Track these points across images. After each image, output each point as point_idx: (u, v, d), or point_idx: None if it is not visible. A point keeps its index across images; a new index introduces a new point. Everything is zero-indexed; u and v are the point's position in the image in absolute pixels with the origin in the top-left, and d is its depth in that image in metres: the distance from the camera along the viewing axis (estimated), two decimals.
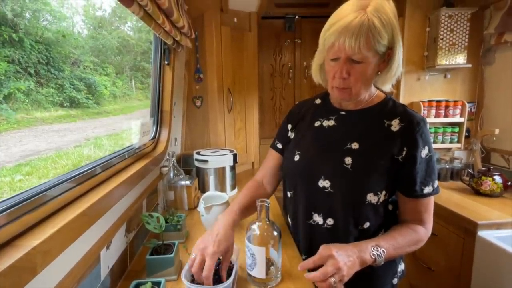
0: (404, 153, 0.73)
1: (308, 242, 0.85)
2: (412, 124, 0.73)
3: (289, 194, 0.88)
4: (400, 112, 0.76)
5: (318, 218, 0.80)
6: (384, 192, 0.75)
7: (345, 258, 0.64)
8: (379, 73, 0.75)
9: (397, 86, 1.87)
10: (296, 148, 0.87)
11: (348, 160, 0.75)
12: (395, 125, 0.75)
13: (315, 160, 0.81)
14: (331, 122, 0.83)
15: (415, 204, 0.77)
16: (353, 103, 0.81)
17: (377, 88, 0.82)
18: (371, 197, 0.74)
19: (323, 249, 0.67)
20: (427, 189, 0.74)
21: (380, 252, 0.68)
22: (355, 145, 0.76)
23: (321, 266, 0.64)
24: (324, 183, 0.77)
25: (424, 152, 0.73)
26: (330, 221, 0.78)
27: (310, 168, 0.81)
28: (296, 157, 0.85)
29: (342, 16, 0.67)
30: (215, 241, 0.70)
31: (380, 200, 0.75)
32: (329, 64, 0.74)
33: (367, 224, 0.77)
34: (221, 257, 0.72)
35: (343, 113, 0.83)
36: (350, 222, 0.77)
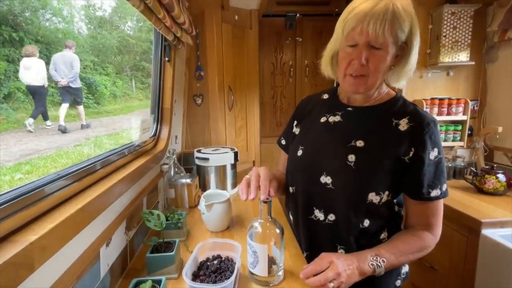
0: (411, 153, 0.71)
1: (309, 238, 0.84)
2: (421, 125, 0.71)
3: (291, 189, 0.87)
4: (409, 111, 0.74)
5: (319, 214, 0.79)
6: (387, 193, 0.73)
7: (345, 265, 0.64)
8: (392, 67, 0.73)
9: None
10: (300, 143, 0.86)
11: (351, 157, 0.74)
12: (403, 124, 0.73)
13: (318, 155, 0.80)
14: (337, 118, 0.81)
15: (422, 208, 0.75)
16: (361, 99, 0.79)
17: (387, 86, 0.80)
18: (372, 197, 0.73)
19: (324, 256, 0.67)
20: (435, 192, 0.72)
21: (379, 262, 0.68)
22: (360, 143, 0.74)
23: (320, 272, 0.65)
24: (326, 179, 0.76)
25: (433, 154, 0.71)
26: (331, 217, 0.77)
27: (313, 164, 0.80)
28: (299, 152, 0.84)
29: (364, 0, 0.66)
30: (263, 167, 0.77)
31: (383, 200, 0.74)
32: (346, 50, 0.71)
33: (367, 223, 0.75)
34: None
35: (350, 109, 0.81)
36: (350, 219, 0.75)
